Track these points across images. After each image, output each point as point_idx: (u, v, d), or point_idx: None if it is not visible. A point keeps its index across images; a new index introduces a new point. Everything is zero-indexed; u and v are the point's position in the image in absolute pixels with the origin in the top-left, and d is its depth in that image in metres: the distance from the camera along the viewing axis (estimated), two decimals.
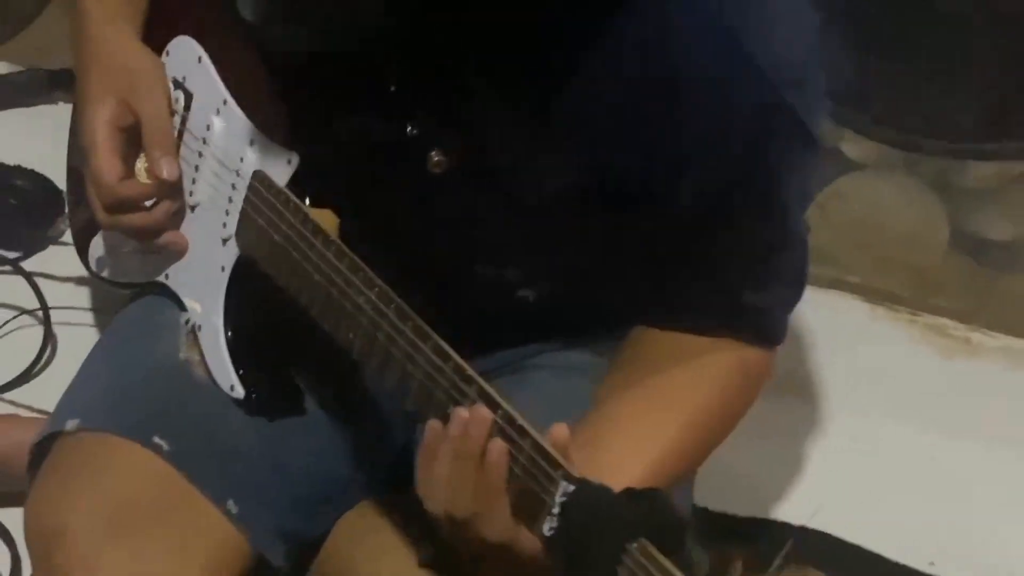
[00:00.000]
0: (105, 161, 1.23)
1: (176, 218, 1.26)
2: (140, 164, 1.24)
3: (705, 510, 1.52)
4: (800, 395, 1.77)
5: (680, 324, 1.22)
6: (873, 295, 1.88)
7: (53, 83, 1.98)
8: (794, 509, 1.63)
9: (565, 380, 1.28)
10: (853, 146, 2.00)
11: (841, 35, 1.94)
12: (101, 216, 1.27)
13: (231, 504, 1.22)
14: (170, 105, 1.27)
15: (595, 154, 1.15)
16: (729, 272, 1.21)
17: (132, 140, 1.24)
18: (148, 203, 1.25)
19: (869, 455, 1.70)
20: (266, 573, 1.28)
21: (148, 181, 1.24)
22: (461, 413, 1.02)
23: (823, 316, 1.83)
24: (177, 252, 1.27)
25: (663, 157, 1.13)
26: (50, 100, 2.00)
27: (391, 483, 1.32)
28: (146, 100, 1.26)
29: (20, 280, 1.79)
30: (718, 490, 1.54)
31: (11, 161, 1.87)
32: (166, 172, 1.23)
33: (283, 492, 1.27)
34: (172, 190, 1.23)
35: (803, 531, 1.59)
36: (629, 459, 1.10)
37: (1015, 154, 1.98)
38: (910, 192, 1.99)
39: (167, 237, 1.27)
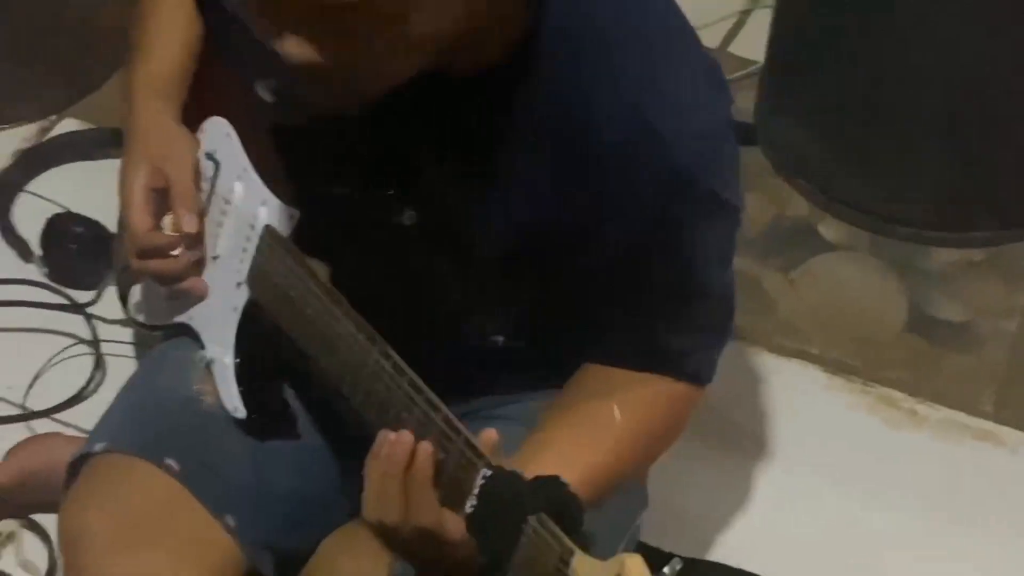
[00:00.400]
0: (137, 215, 1.37)
1: (197, 267, 1.39)
2: (167, 220, 1.38)
3: (648, 546, 1.57)
4: (753, 450, 1.85)
5: (611, 361, 1.31)
6: (831, 365, 1.95)
7: (115, 141, 2.06)
8: (731, 552, 1.72)
9: (522, 427, 1.33)
10: (828, 228, 2.12)
11: (819, 125, 2.12)
12: (132, 261, 1.40)
13: (229, 519, 1.34)
14: (196, 173, 1.40)
15: (524, 217, 1.24)
16: (650, 318, 1.29)
17: (161, 200, 1.37)
18: (173, 252, 1.37)
19: (806, 510, 1.78)
20: None
21: (173, 234, 1.37)
22: (386, 436, 1.15)
23: (782, 381, 1.93)
24: (198, 296, 1.40)
25: (583, 220, 1.21)
26: (112, 156, 1.98)
27: None
28: (176, 168, 1.38)
29: (78, 317, 1.94)
30: (662, 528, 1.62)
31: (76, 209, 2.00)
32: (187, 226, 1.36)
33: (274, 510, 1.38)
34: (193, 242, 1.37)
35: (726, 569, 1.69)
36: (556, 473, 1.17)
37: (971, 243, 2.08)
38: (874, 273, 2.07)
39: (189, 282, 1.38)
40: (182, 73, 1.45)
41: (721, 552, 1.72)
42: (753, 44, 2.29)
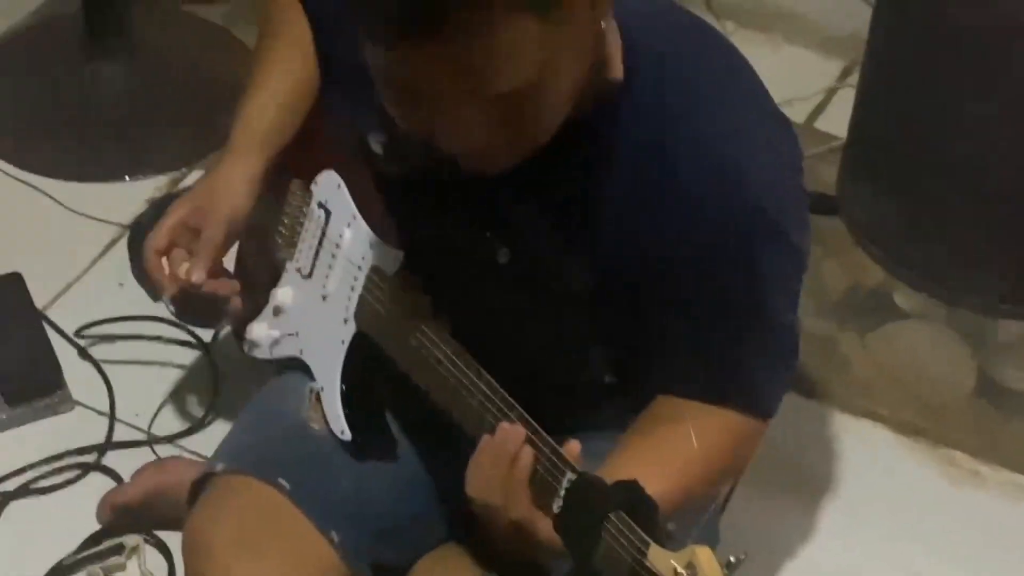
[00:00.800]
0: (159, 236, 1.47)
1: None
2: (185, 265, 1.48)
3: None
4: (820, 501, 1.91)
5: (683, 392, 1.35)
6: (899, 426, 2.00)
7: None
8: None
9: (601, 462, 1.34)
10: (903, 297, 2.18)
11: (897, 198, 2.19)
12: (146, 253, 1.48)
13: (333, 534, 1.42)
14: (227, 237, 1.46)
15: (610, 255, 1.30)
16: (722, 352, 1.33)
17: (184, 238, 1.47)
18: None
19: (867, 562, 1.83)
20: None
21: (180, 275, 1.47)
22: (503, 426, 1.25)
23: (852, 439, 1.99)
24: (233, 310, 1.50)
25: (663, 256, 1.27)
26: None
27: (468, 527, 1.46)
28: (212, 222, 1.46)
29: (200, 353, 2.02)
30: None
31: None
32: (195, 277, 1.45)
33: (375, 527, 1.45)
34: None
35: None
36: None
37: None
38: (945, 340, 2.13)
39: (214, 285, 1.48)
40: (280, 127, 1.51)
41: None
42: (837, 121, 2.36)
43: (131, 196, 2.30)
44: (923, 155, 2.14)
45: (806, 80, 2.52)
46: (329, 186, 1.52)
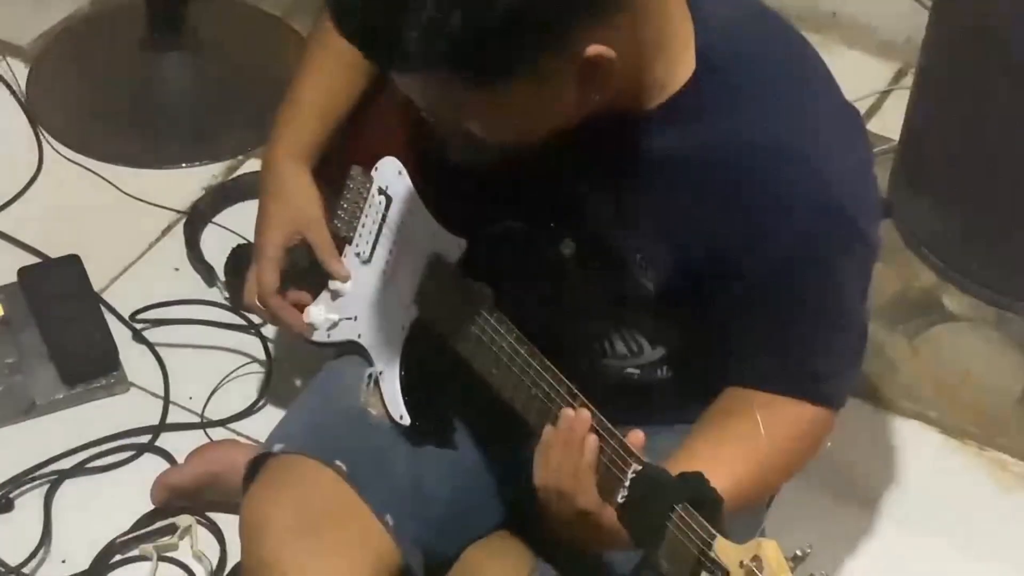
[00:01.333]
0: (268, 274, 1.53)
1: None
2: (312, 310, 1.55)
3: None
4: (867, 502, 1.91)
5: (754, 383, 1.36)
6: (947, 429, 2.00)
7: None
8: None
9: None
10: (952, 300, 2.18)
11: (949, 202, 2.18)
12: (255, 301, 1.56)
13: (388, 517, 1.43)
14: (330, 230, 1.53)
15: (678, 248, 1.31)
16: (794, 343, 1.34)
17: (288, 256, 1.55)
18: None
19: (913, 564, 1.82)
20: None
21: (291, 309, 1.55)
22: (568, 413, 1.25)
23: (899, 441, 1.99)
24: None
25: (735, 249, 1.28)
26: None
27: (520, 518, 1.50)
28: (313, 231, 1.53)
29: (254, 337, 2.05)
30: None
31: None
32: (338, 272, 1.51)
33: (429, 513, 1.47)
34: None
35: None
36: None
37: None
38: (995, 345, 2.12)
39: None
40: (324, 130, 1.56)
41: None
42: (891, 124, 2.36)
43: (188, 183, 2.33)
44: (977, 159, 2.14)
45: (859, 82, 2.50)
46: (390, 172, 1.53)
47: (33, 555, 1.80)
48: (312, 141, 1.55)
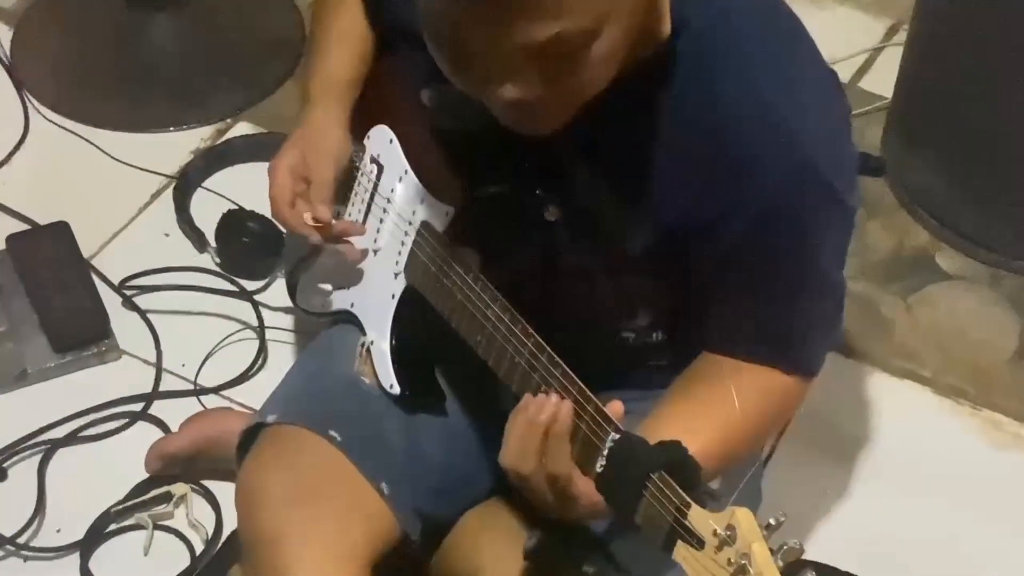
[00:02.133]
0: (277, 188, 1.49)
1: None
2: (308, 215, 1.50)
3: None
4: (861, 462, 1.91)
5: (728, 349, 1.37)
6: (941, 388, 2.01)
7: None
8: (832, 558, 1.75)
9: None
10: (946, 259, 2.18)
11: (942, 160, 2.18)
12: (280, 213, 1.51)
13: (384, 485, 1.44)
14: (341, 172, 1.51)
15: (662, 212, 1.31)
16: (768, 307, 1.34)
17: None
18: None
19: (907, 522, 1.83)
20: (404, 549, 1.48)
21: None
22: (530, 398, 1.24)
23: (894, 400, 1.99)
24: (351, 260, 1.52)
25: (714, 212, 1.28)
26: None
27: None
28: (319, 163, 1.50)
29: (246, 303, 2.04)
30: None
31: (247, 206, 2.08)
32: (319, 213, 1.48)
33: (424, 480, 1.48)
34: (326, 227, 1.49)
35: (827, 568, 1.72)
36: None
37: None
38: (988, 303, 2.13)
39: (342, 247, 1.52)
40: (355, 81, 1.56)
41: (820, 555, 1.76)
42: (883, 81, 2.35)
43: (177, 146, 2.31)
44: (971, 117, 2.13)
45: (851, 39, 2.51)
46: (381, 140, 1.54)
47: (27, 525, 1.80)
48: (349, 80, 1.56)
